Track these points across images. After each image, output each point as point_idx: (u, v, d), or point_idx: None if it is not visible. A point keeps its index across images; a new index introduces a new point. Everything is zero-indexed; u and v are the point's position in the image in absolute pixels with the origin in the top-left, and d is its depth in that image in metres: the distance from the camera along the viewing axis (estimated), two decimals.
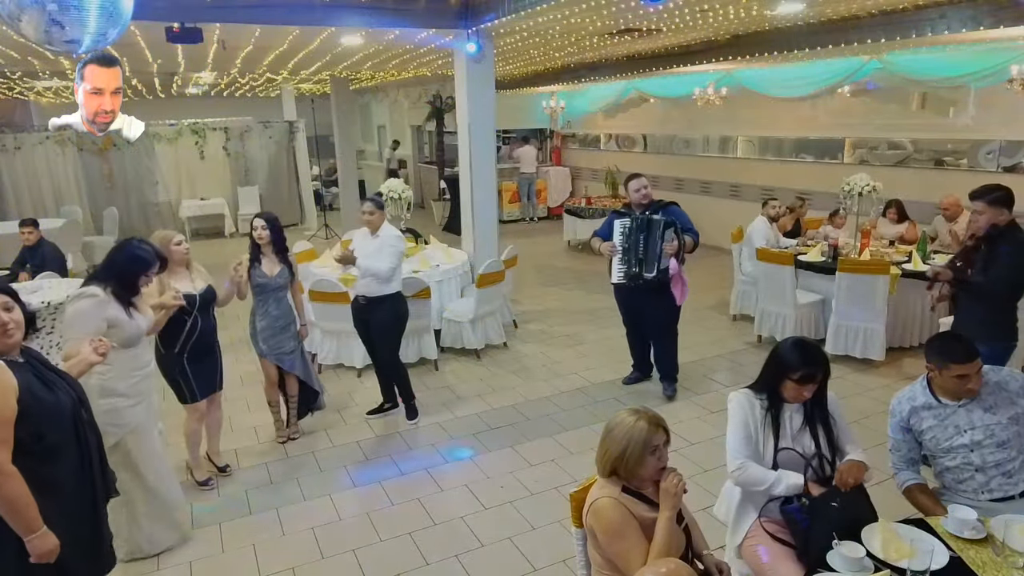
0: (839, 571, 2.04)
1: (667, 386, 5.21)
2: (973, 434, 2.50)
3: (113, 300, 3.02)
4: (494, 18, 5.69)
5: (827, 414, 2.52)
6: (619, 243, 4.83)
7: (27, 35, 2.41)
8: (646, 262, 4.75)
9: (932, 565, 1.96)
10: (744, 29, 6.80)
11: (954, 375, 2.46)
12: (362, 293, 4.62)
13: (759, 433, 2.48)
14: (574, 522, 2.30)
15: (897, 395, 2.71)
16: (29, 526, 2.01)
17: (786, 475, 2.40)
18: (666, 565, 1.95)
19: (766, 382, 2.53)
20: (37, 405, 2.05)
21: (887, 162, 7.95)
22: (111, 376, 3.07)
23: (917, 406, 2.61)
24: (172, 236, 3.73)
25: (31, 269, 6.32)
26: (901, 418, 2.65)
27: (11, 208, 10.94)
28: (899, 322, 5.85)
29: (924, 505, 2.55)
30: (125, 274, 3.07)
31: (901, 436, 2.67)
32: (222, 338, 4.12)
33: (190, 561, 3.39)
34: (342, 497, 3.95)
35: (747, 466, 2.42)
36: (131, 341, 3.10)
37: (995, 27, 5.14)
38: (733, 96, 9.36)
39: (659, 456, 2.08)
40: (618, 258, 4.85)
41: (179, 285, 3.60)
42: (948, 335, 2.65)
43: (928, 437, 2.59)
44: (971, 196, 3.70)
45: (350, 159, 12.54)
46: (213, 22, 5.65)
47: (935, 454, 2.60)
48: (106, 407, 3.06)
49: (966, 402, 2.53)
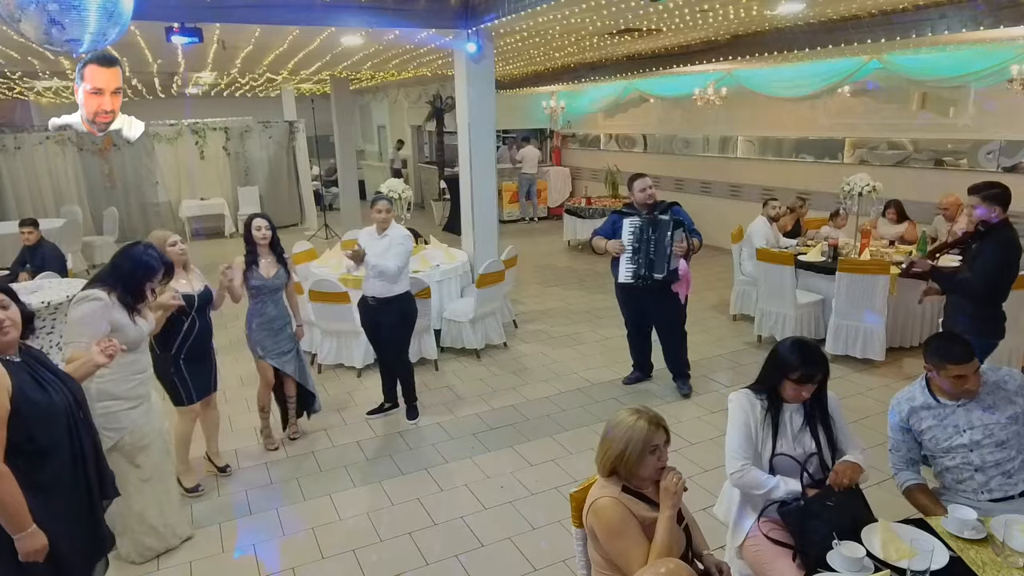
0: (839, 571, 2.04)
1: (682, 384, 5.21)
2: (972, 434, 2.49)
3: (118, 304, 2.98)
4: (494, 18, 5.69)
5: (827, 415, 2.52)
6: (628, 242, 4.81)
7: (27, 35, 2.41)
8: (656, 262, 4.73)
9: (932, 565, 1.96)
10: (744, 29, 6.79)
11: (951, 375, 2.46)
12: (372, 294, 4.60)
13: (759, 434, 2.49)
14: (574, 522, 2.30)
15: (896, 395, 2.71)
16: (18, 525, 2.02)
17: (785, 481, 2.39)
18: (665, 565, 1.95)
19: (766, 382, 2.53)
20: (28, 405, 2.05)
21: (887, 162, 7.95)
22: (109, 379, 3.05)
23: (916, 406, 2.61)
24: (167, 237, 3.70)
25: (31, 269, 6.32)
26: (900, 418, 2.66)
27: (11, 208, 10.94)
28: (899, 322, 5.85)
29: (924, 505, 2.55)
30: (131, 280, 3.03)
31: (901, 436, 2.67)
32: (221, 338, 4.13)
33: (190, 561, 3.39)
34: (342, 497, 3.95)
35: (747, 469, 2.42)
36: (132, 346, 3.08)
37: (995, 27, 5.14)
38: (733, 96, 9.36)
39: (659, 456, 2.09)
40: (627, 257, 4.83)
41: (176, 286, 3.58)
42: (946, 335, 2.65)
43: (928, 437, 2.59)
44: (969, 191, 3.75)
45: (350, 159, 12.53)
46: (213, 22, 5.65)
47: (935, 454, 2.60)
48: (102, 410, 3.05)
49: (965, 402, 2.52)
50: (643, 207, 4.86)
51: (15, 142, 11.18)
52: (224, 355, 4.14)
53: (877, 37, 5.94)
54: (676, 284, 4.86)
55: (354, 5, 5.66)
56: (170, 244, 3.65)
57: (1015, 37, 5.81)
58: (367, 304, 4.69)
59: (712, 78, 9.21)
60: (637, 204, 4.91)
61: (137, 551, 3.34)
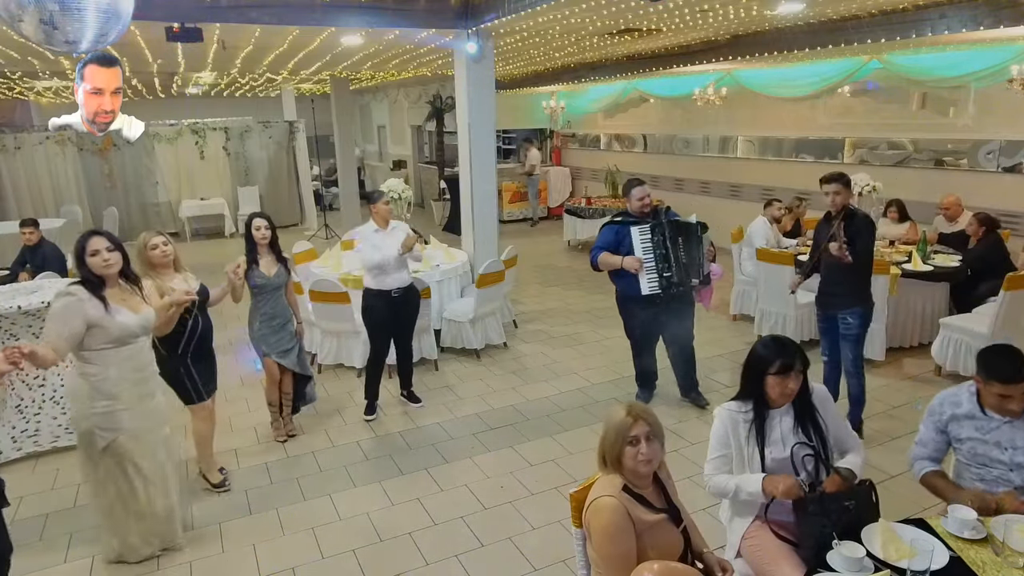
0: (839, 571, 2.04)
1: (698, 396, 4.97)
2: (1014, 454, 2.37)
3: (93, 298, 2.95)
4: (494, 18, 5.69)
5: (814, 409, 2.51)
6: (643, 253, 4.49)
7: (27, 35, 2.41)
8: (691, 267, 4.52)
9: (932, 565, 1.96)
10: (744, 29, 6.79)
11: (995, 392, 2.34)
12: (397, 287, 4.75)
13: (744, 448, 2.49)
14: (574, 522, 2.30)
15: (941, 394, 2.59)
16: None
17: (745, 481, 2.42)
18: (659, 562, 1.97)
19: (748, 387, 2.52)
20: None
21: (887, 162, 7.95)
22: (103, 377, 3.02)
23: (959, 414, 2.50)
24: (149, 239, 3.61)
25: (31, 269, 6.33)
26: (939, 420, 2.55)
27: (11, 208, 10.94)
28: (899, 322, 5.85)
29: (940, 487, 2.48)
30: (81, 264, 3.00)
31: (933, 435, 2.57)
32: (221, 339, 4.13)
33: (190, 561, 3.39)
34: (342, 497, 3.95)
35: (712, 478, 2.52)
36: (122, 340, 3.03)
37: (995, 27, 5.14)
38: (733, 96, 9.36)
39: (639, 449, 2.08)
40: (648, 267, 4.50)
41: (172, 284, 3.57)
42: (1002, 349, 2.42)
43: (966, 448, 2.48)
44: (824, 180, 4.17)
45: (350, 159, 12.54)
46: (213, 22, 5.65)
47: (969, 463, 2.50)
48: (101, 409, 3.03)
49: (1012, 419, 2.38)
50: (639, 215, 4.62)
51: (15, 142, 11.19)
52: (224, 355, 4.14)
53: (877, 37, 5.94)
54: (704, 290, 4.74)
55: (354, 5, 5.66)
56: (151, 247, 3.56)
57: (1015, 37, 5.81)
58: (389, 298, 4.73)
59: (712, 78, 9.21)
60: (633, 212, 4.64)
61: (128, 554, 3.33)
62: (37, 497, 3.99)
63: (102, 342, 2.98)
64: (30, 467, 4.34)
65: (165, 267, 3.63)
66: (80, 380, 3.05)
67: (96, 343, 2.97)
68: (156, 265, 3.58)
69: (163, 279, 3.56)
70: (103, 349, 2.99)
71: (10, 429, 4.35)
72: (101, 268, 3.00)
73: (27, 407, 4.39)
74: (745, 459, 2.48)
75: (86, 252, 2.99)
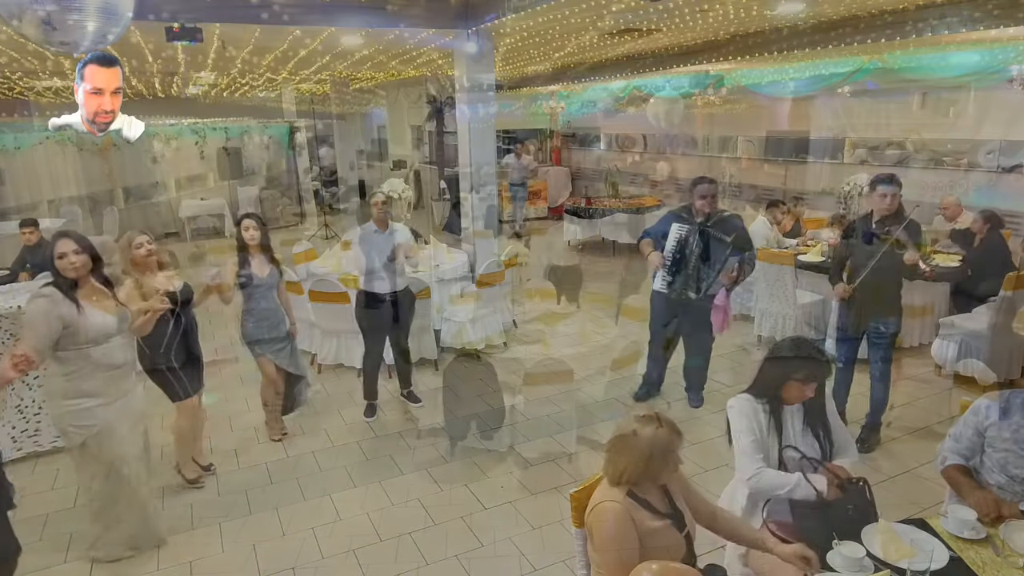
0: (839, 571, 2.04)
1: (694, 397, 5.00)
2: None
3: (66, 300, 2.96)
4: (494, 18, 5.69)
5: (825, 414, 2.52)
6: (671, 250, 4.52)
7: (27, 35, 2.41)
8: (700, 281, 4.45)
9: (932, 565, 1.96)
10: (744, 29, 6.79)
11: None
12: (392, 290, 4.76)
13: (764, 438, 2.47)
14: (574, 522, 2.29)
15: (987, 399, 2.52)
16: None
17: (809, 479, 2.35)
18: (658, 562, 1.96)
19: (767, 385, 2.51)
20: None
21: (887, 162, 7.95)
22: (76, 376, 3.02)
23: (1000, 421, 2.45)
24: (133, 238, 3.65)
25: (31, 269, 6.31)
26: (979, 423, 2.51)
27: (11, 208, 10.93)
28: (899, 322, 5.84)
29: (960, 483, 2.45)
30: (51, 265, 3.01)
31: (971, 435, 2.52)
32: (221, 338, 4.13)
33: (190, 561, 3.38)
34: (342, 497, 3.95)
35: (763, 471, 2.40)
36: (96, 339, 3.03)
37: (995, 27, 5.14)
38: (733, 96, 9.36)
39: (676, 458, 2.08)
40: (667, 266, 4.56)
41: (156, 284, 3.59)
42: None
43: (998, 455, 2.44)
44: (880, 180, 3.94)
45: (350, 159, 12.53)
46: (213, 22, 5.65)
47: (1004, 469, 2.44)
48: (72, 407, 3.04)
49: None
50: (700, 214, 4.53)
51: (15, 142, 11.18)
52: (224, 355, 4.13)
53: (877, 37, 5.94)
54: (713, 314, 4.59)
55: (354, 5, 5.66)
56: (135, 246, 3.60)
57: (1015, 37, 5.81)
58: (378, 301, 4.73)
59: (712, 78, 9.21)
60: (695, 210, 4.55)
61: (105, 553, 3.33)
62: (37, 497, 3.99)
63: (74, 342, 2.98)
64: (30, 467, 4.33)
65: (149, 266, 3.66)
66: (53, 379, 3.06)
67: (69, 343, 2.98)
68: (140, 264, 3.62)
69: (146, 278, 3.60)
70: (75, 348, 3.00)
71: (10, 429, 4.35)
72: (68, 271, 3.01)
73: (27, 407, 4.39)
74: (765, 449, 2.46)
75: (55, 255, 3.00)
